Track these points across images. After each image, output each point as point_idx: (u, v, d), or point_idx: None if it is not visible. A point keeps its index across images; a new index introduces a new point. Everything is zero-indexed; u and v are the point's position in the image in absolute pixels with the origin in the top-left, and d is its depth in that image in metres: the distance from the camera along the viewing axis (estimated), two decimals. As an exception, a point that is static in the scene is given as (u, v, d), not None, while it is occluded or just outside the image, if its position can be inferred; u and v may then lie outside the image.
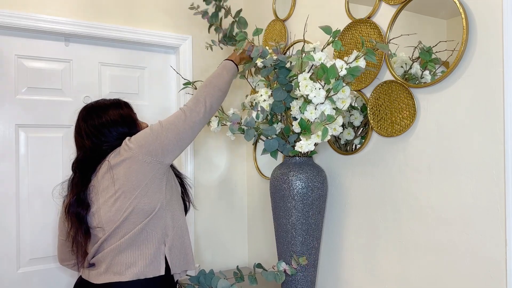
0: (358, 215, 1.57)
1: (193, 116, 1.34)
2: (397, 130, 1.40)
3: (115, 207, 1.27)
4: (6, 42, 1.77)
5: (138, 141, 1.29)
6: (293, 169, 1.52)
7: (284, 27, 1.94)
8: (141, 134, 1.31)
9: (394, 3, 1.41)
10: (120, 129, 1.37)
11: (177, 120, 1.32)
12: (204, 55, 2.16)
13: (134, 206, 1.27)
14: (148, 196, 1.29)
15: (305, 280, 1.53)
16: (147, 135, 1.30)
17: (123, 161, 1.28)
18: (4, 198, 1.76)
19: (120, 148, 1.31)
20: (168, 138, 1.30)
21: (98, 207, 1.30)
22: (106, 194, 1.29)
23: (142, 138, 1.30)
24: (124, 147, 1.30)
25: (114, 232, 1.28)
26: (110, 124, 1.36)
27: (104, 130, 1.35)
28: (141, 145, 1.28)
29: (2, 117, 1.77)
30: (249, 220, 2.27)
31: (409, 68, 1.38)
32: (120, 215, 1.27)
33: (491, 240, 1.15)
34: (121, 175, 1.27)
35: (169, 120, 1.33)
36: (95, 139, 1.34)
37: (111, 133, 1.35)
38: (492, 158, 1.14)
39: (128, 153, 1.28)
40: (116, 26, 1.91)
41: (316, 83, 1.31)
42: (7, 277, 1.75)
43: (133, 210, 1.27)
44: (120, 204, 1.27)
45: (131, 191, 1.27)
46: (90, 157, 1.33)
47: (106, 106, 1.39)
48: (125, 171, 1.27)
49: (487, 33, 1.16)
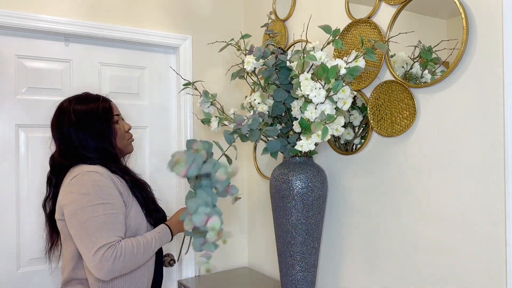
0: (358, 215, 1.57)
1: (100, 262, 1.16)
2: (397, 130, 1.40)
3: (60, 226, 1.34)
4: (6, 42, 1.77)
5: (67, 201, 1.25)
6: (293, 169, 1.52)
7: (284, 27, 1.94)
8: (74, 199, 1.23)
9: (394, 3, 1.41)
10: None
11: (82, 241, 1.19)
12: (204, 55, 2.16)
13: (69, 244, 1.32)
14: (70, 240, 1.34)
15: (305, 280, 1.53)
16: (72, 206, 1.23)
17: (63, 204, 1.28)
18: (4, 198, 1.75)
19: (68, 180, 1.29)
20: (70, 229, 1.24)
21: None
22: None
23: (69, 203, 1.24)
24: (62, 192, 1.30)
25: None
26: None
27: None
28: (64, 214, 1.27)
29: (2, 117, 1.76)
30: (249, 220, 2.27)
31: (410, 68, 1.38)
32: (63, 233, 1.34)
33: (491, 240, 1.15)
34: (62, 210, 1.30)
35: (78, 231, 1.20)
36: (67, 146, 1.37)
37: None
38: (492, 158, 1.14)
39: (63, 203, 1.28)
40: (116, 26, 1.91)
41: (316, 83, 1.31)
42: (7, 277, 1.75)
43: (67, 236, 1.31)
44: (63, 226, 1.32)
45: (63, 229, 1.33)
46: (59, 163, 1.36)
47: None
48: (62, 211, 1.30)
49: (487, 33, 1.16)
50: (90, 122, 1.34)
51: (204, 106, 1.63)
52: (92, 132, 1.33)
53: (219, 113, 1.65)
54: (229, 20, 2.25)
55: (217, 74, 2.20)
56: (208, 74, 2.17)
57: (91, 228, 1.17)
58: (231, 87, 2.21)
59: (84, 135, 1.33)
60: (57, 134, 1.36)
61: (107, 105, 1.41)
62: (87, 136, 1.33)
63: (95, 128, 1.34)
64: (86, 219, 1.18)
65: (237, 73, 1.59)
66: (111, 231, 1.19)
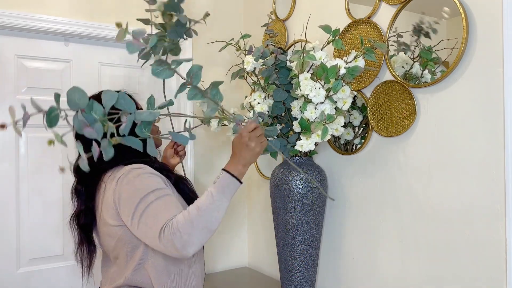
0: (358, 215, 1.57)
1: (167, 246, 1.08)
2: (397, 130, 1.40)
3: (107, 233, 1.21)
4: (6, 42, 1.77)
5: (116, 209, 1.16)
6: (293, 169, 1.52)
7: (284, 27, 1.94)
8: (125, 203, 1.14)
9: (394, 3, 1.41)
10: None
11: (148, 236, 1.11)
12: (205, 55, 2.16)
13: (123, 248, 1.20)
14: (130, 244, 1.19)
15: (305, 280, 1.53)
16: (126, 212, 1.13)
17: (109, 204, 1.18)
18: (4, 198, 1.75)
19: (115, 180, 1.17)
20: (137, 234, 1.14)
21: (99, 226, 1.24)
22: (101, 221, 1.22)
23: (121, 209, 1.14)
24: (112, 190, 1.17)
25: (110, 254, 1.24)
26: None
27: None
28: (117, 213, 1.16)
29: (2, 117, 1.76)
30: (249, 220, 2.27)
31: (410, 68, 1.38)
32: (112, 249, 1.22)
33: (491, 240, 1.15)
34: (107, 213, 1.20)
35: (145, 227, 1.11)
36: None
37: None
38: (492, 158, 1.14)
39: (112, 201, 1.17)
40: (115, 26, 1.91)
41: (316, 83, 1.31)
42: (7, 277, 1.75)
43: (124, 251, 1.20)
44: (110, 240, 1.21)
45: (115, 236, 1.20)
46: (90, 171, 1.22)
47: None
48: (109, 211, 1.19)
49: (487, 33, 1.16)
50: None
51: (204, 106, 1.63)
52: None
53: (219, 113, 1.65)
54: (229, 20, 2.25)
55: (217, 74, 2.20)
56: (208, 74, 2.17)
57: (149, 219, 1.11)
58: (231, 87, 2.21)
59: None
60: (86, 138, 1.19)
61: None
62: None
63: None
64: (142, 214, 1.12)
65: (237, 73, 1.59)
66: (165, 212, 1.12)
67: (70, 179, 1.89)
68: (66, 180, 1.88)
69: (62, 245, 1.86)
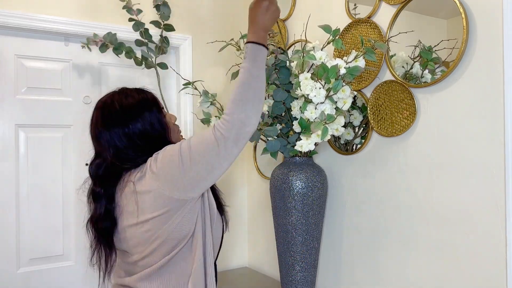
0: (358, 215, 1.57)
1: (230, 147, 1.03)
2: (397, 130, 1.40)
3: (143, 237, 1.10)
4: (6, 42, 1.77)
5: (164, 173, 1.06)
6: (293, 169, 1.52)
7: (284, 27, 1.94)
8: (167, 162, 1.06)
9: (394, 3, 1.41)
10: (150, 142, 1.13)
11: (209, 153, 1.04)
12: (204, 55, 2.16)
13: (163, 239, 1.10)
14: (177, 229, 1.10)
15: (305, 280, 1.53)
16: (175, 166, 1.05)
17: (148, 191, 1.07)
18: (4, 198, 1.75)
19: (145, 169, 1.09)
20: (199, 175, 1.05)
21: (123, 229, 1.13)
22: (131, 219, 1.11)
23: (169, 169, 1.05)
24: (150, 174, 1.07)
25: (143, 259, 1.13)
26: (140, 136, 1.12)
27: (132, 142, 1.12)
28: (167, 179, 1.05)
29: (2, 117, 1.76)
30: (249, 220, 2.27)
31: (410, 68, 1.38)
32: (148, 244, 1.10)
33: (491, 240, 1.15)
34: (147, 206, 1.08)
35: (199, 150, 1.04)
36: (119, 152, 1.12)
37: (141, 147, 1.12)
38: (492, 158, 1.14)
39: (154, 185, 1.06)
40: (116, 26, 1.91)
41: (316, 83, 1.31)
42: (7, 277, 1.75)
43: (163, 242, 1.10)
44: (148, 236, 1.09)
45: (159, 225, 1.08)
46: (112, 172, 1.13)
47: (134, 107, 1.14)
48: (151, 203, 1.07)
49: (487, 33, 1.16)
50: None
51: (204, 105, 1.63)
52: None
53: (219, 113, 1.65)
54: (229, 20, 2.25)
55: (217, 74, 2.20)
56: (208, 74, 2.17)
57: (197, 145, 1.04)
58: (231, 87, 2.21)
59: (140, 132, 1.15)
60: (110, 137, 1.12)
61: (152, 95, 1.21)
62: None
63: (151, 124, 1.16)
64: (190, 149, 1.05)
65: (237, 73, 1.59)
66: (203, 133, 1.08)
67: (70, 179, 1.90)
68: (66, 180, 1.89)
69: (62, 245, 1.86)
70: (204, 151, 1.03)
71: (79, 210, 1.88)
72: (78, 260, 1.89)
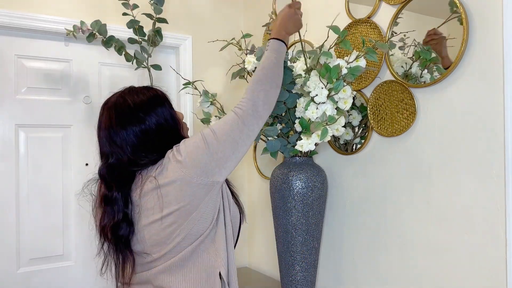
0: (358, 215, 1.57)
1: (251, 123, 1.10)
2: (397, 130, 1.40)
3: (165, 233, 1.08)
4: (6, 42, 1.77)
5: (191, 159, 1.05)
6: (293, 169, 1.52)
7: (284, 27, 1.94)
8: (193, 149, 1.06)
9: (394, 3, 1.41)
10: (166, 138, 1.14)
11: (233, 131, 1.08)
12: (204, 55, 2.16)
13: (187, 232, 1.09)
14: (202, 219, 1.09)
15: (305, 280, 1.53)
16: (201, 151, 1.06)
17: (173, 182, 1.05)
18: (4, 198, 1.75)
19: (166, 162, 1.08)
20: (225, 154, 1.07)
21: (141, 228, 1.10)
22: (152, 216, 1.08)
23: (196, 155, 1.05)
24: (174, 164, 1.06)
25: (161, 257, 1.11)
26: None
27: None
28: (195, 164, 1.05)
29: (2, 117, 1.76)
30: (249, 220, 2.27)
31: (409, 68, 1.38)
32: (170, 241, 1.09)
33: (491, 240, 1.15)
34: (172, 198, 1.06)
35: (224, 129, 1.08)
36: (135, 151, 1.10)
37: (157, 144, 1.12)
38: (492, 158, 1.14)
39: (179, 173, 1.05)
40: (116, 26, 1.91)
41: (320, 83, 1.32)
42: (7, 277, 1.75)
43: (186, 236, 1.09)
44: (171, 230, 1.08)
45: (184, 216, 1.07)
46: (128, 172, 1.11)
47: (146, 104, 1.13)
48: (176, 194, 1.06)
49: (487, 33, 1.16)
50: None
51: (204, 105, 1.63)
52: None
53: (219, 113, 1.65)
54: (229, 20, 2.25)
55: (217, 74, 2.20)
56: (208, 74, 2.17)
57: (221, 128, 1.09)
58: (231, 87, 2.21)
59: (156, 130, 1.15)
60: (126, 135, 1.10)
61: (161, 91, 1.21)
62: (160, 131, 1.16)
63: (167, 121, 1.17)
64: (213, 131, 1.08)
65: (238, 72, 1.59)
66: (224, 117, 1.13)
67: (70, 179, 1.90)
68: (66, 180, 1.89)
69: (62, 245, 1.86)
70: (229, 129, 1.09)
71: (79, 210, 1.88)
72: (78, 260, 1.89)
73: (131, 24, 1.71)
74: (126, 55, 1.73)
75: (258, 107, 1.12)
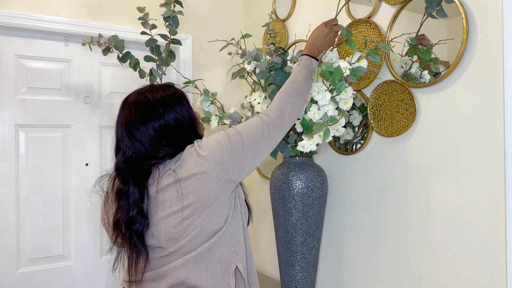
0: (358, 215, 1.57)
1: (275, 133, 1.14)
2: (397, 130, 1.40)
3: (181, 226, 1.09)
4: (6, 42, 1.77)
5: (213, 155, 1.07)
6: (293, 169, 1.52)
7: (284, 27, 1.95)
8: (216, 145, 1.09)
9: (394, 3, 1.41)
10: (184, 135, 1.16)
11: (258, 137, 1.12)
12: (204, 55, 2.16)
13: (202, 226, 1.10)
14: (218, 214, 1.11)
15: (305, 280, 1.53)
16: (224, 149, 1.08)
17: (193, 175, 1.07)
18: (4, 198, 1.75)
19: (185, 156, 1.10)
20: (246, 157, 1.10)
21: (157, 221, 1.11)
22: (168, 208, 1.09)
23: (219, 152, 1.08)
24: (196, 158, 1.08)
25: (177, 250, 1.11)
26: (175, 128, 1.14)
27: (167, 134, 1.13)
28: (217, 161, 1.07)
29: (2, 117, 1.76)
30: (249, 220, 2.27)
31: (409, 68, 1.38)
32: (185, 235, 1.09)
33: (491, 240, 1.15)
34: (191, 191, 1.07)
35: (250, 134, 1.11)
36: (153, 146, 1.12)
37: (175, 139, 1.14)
38: (492, 158, 1.14)
39: (201, 167, 1.07)
40: (116, 26, 1.91)
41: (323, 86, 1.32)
42: (7, 277, 1.75)
43: (201, 230, 1.10)
44: (188, 224, 1.09)
45: (201, 210, 1.08)
46: (146, 166, 1.12)
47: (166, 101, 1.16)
48: (195, 188, 1.07)
49: (487, 33, 1.16)
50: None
51: (204, 104, 1.63)
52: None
53: (219, 112, 1.65)
54: (229, 20, 2.25)
55: (217, 73, 2.20)
56: (208, 74, 2.17)
57: (246, 130, 1.12)
58: (231, 87, 2.21)
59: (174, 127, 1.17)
60: (145, 129, 1.12)
61: (180, 90, 1.24)
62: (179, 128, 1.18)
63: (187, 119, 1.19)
64: (238, 131, 1.12)
65: (238, 72, 1.60)
66: (249, 120, 1.16)
67: (70, 179, 1.90)
68: (66, 180, 1.89)
69: (62, 245, 1.86)
70: (255, 135, 1.12)
71: (79, 210, 1.88)
72: (78, 260, 1.89)
73: (149, 42, 1.72)
74: (140, 72, 1.74)
75: (284, 118, 1.16)
